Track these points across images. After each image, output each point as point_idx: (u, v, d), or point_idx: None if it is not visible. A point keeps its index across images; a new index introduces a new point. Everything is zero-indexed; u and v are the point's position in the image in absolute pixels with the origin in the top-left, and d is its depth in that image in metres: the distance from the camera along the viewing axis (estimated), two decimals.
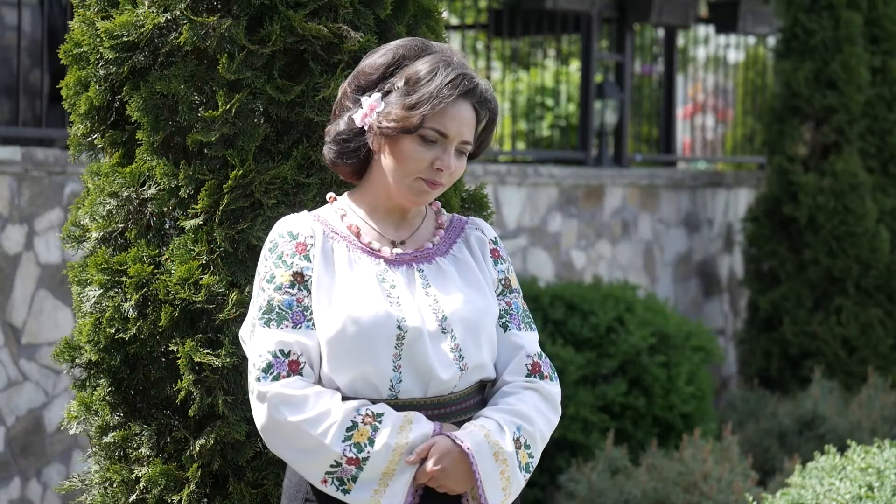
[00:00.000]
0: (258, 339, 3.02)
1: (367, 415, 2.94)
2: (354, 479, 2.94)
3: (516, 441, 3.02)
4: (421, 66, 3.03)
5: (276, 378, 2.97)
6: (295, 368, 2.99)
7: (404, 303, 3.02)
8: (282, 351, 2.99)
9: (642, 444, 7.31)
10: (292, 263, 3.04)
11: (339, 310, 2.99)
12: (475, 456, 2.97)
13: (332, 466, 2.94)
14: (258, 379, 2.99)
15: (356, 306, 2.99)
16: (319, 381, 3.03)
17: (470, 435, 2.99)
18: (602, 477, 6.34)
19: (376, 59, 3.08)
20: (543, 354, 3.16)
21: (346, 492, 2.95)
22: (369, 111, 3.04)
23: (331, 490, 2.96)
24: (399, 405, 3.00)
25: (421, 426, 2.96)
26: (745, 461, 6.46)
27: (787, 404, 8.05)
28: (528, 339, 3.16)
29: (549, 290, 7.69)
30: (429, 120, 3.00)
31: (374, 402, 3.00)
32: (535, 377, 3.12)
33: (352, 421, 2.94)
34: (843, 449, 4.91)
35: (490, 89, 3.08)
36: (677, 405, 7.41)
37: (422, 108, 2.99)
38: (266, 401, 2.97)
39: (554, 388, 3.14)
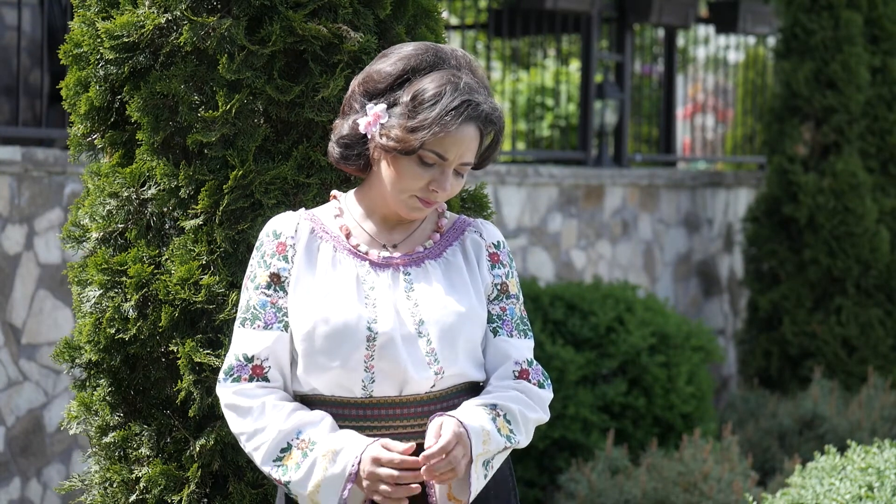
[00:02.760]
0: (233, 339, 3.07)
1: (303, 439, 2.95)
2: (292, 495, 2.99)
3: (494, 410, 3.00)
4: (428, 86, 2.98)
5: (237, 380, 3.01)
6: (259, 373, 3.01)
7: (380, 305, 3.01)
8: (245, 355, 3.02)
9: (642, 444, 7.31)
10: (270, 264, 3.06)
11: (313, 310, 3.00)
12: (471, 433, 2.95)
13: (270, 477, 3.00)
14: (219, 380, 3.05)
15: (328, 307, 2.99)
16: (295, 383, 3.05)
17: (468, 415, 2.98)
18: (602, 477, 6.34)
19: (386, 67, 3.03)
20: (535, 363, 3.13)
21: (294, 500, 3.03)
22: (373, 120, 3.01)
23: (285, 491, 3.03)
24: (374, 403, 3.00)
25: (346, 455, 2.92)
26: (745, 461, 6.46)
27: (787, 404, 8.05)
28: (519, 347, 3.12)
29: (549, 290, 7.69)
30: (429, 143, 2.97)
31: (350, 401, 3.00)
32: (522, 382, 3.10)
33: (287, 443, 2.96)
34: (843, 449, 4.91)
35: (497, 110, 3.03)
36: (677, 405, 7.41)
37: (421, 134, 2.95)
38: (221, 403, 3.05)
39: (541, 391, 3.11)
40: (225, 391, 3.02)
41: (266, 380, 3.01)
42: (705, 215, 9.93)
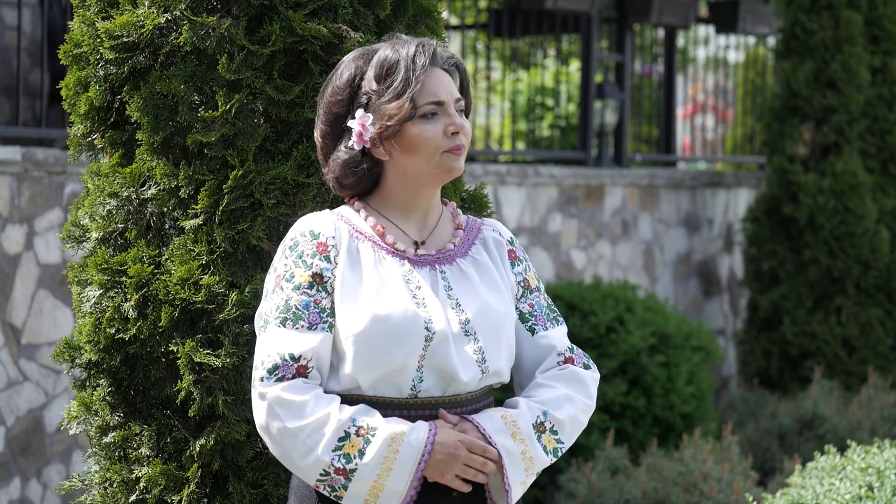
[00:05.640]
0: (270, 338, 3.00)
1: (361, 426, 2.94)
2: (345, 487, 2.94)
3: (540, 425, 3.04)
4: (381, 58, 3.04)
5: (280, 380, 2.97)
6: (302, 372, 2.98)
7: (430, 304, 3.02)
8: (292, 355, 2.98)
9: (642, 444, 7.31)
10: (312, 264, 3.03)
11: (367, 309, 2.98)
12: (492, 436, 2.99)
13: (321, 474, 2.94)
14: (262, 379, 2.98)
15: (384, 306, 2.98)
16: (334, 382, 3.03)
17: (488, 419, 3.02)
18: (602, 477, 6.34)
19: (337, 82, 3.08)
20: (575, 347, 3.18)
21: (338, 498, 2.97)
22: (362, 129, 3.04)
23: (325, 492, 2.98)
24: (418, 404, 3.01)
25: (412, 439, 2.94)
26: (745, 461, 6.46)
27: (787, 404, 8.05)
28: (557, 336, 3.17)
29: (549, 290, 7.69)
30: (420, 97, 3.01)
31: (393, 401, 3.00)
32: (568, 366, 3.14)
33: (345, 431, 2.94)
34: (843, 449, 4.91)
35: (445, 48, 3.12)
36: (677, 405, 7.41)
37: (407, 92, 3.00)
38: (265, 402, 2.97)
39: (589, 373, 3.14)
40: (271, 389, 2.96)
41: (307, 378, 2.99)
42: (705, 215, 9.93)
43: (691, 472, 6.17)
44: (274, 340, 3.00)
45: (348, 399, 3.01)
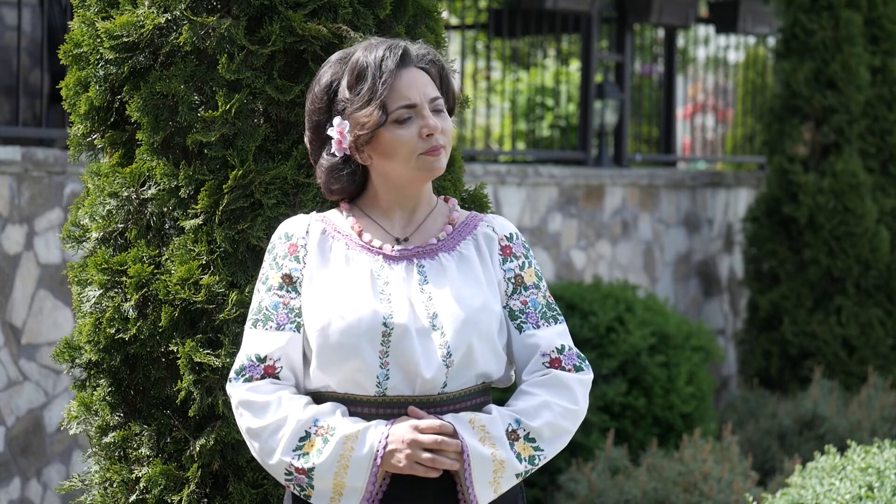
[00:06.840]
0: (244, 340, 3.07)
1: (321, 426, 2.95)
2: (311, 486, 2.97)
3: (512, 433, 3.00)
4: (352, 65, 3.04)
5: (248, 380, 3.01)
6: (271, 372, 3.02)
7: (395, 300, 3.01)
8: (258, 356, 3.02)
9: (642, 444, 7.31)
10: (282, 265, 3.07)
11: (328, 307, 3.00)
12: (461, 431, 2.96)
13: (286, 474, 2.98)
14: (230, 379, 3.04)
15: (343, 303, 2.99)
16: (307, 380, 3.04)
17: (455, 418, 3.00)
18: (602, 477, 6.34)
19: (315, 89, 3.09)
20: (567, 347, 3.10)
21: (307, 497, 3.00)
22: (340, 136, 3.05)
23: (296, 492, 3.01)
24: (388, 402, 3.00)
25: (367, 436, 2.94)
26: (745, 461, 6.46)
27: (787, 404, 8.05)
28: (547, 336, 3.10)
29: (549, 289, 7.68)
30: (391, 102, 3.00)
31: (362, 399, 3.00)
32: (551, 372, 3.08)
33: (305, 431, 2.96)
34: (843, 449, 4.91)
35: (421, 46, 3.08)
36: (677, 405, 7.41)
37: (376, 96, 3.00)
38: (234, 402, 3.03)
39: (577, 375, 3.08)
40: (237, 390, 3.02)
41: (277, 378, 3.02)
42: (705, 215, 9.93)
43: (691, 472, 6.17)
44: (246, 341, 3.06)
45: (322, 397, 3.03)
